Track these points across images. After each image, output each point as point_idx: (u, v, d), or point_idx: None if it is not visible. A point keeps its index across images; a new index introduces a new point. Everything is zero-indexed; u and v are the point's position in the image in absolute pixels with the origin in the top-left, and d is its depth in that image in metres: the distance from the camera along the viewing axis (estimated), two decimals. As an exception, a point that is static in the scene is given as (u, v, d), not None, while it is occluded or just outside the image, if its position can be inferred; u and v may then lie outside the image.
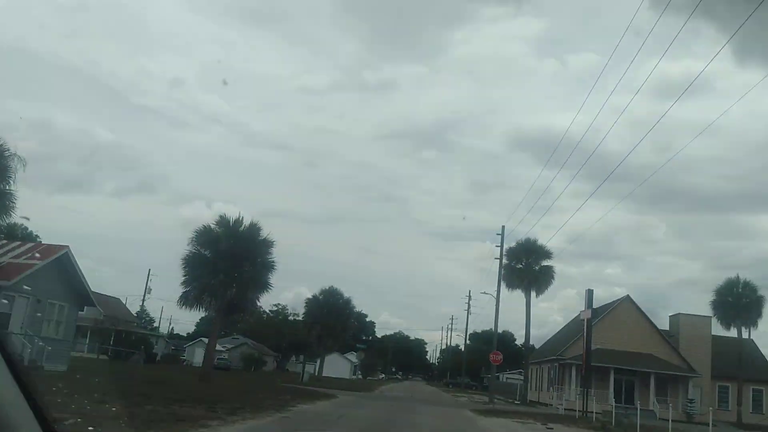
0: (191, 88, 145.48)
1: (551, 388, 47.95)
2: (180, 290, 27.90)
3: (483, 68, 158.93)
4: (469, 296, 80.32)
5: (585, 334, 31.48)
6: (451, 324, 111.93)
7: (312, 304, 49.82)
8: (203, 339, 77.99)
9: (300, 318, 51.30)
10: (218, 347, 76.14)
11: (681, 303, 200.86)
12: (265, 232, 28.92)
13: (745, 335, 46.05)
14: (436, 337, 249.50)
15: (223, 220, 28.41)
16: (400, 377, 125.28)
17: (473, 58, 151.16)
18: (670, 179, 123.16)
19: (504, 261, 45.94)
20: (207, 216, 44.28)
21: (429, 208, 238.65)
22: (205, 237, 27.91)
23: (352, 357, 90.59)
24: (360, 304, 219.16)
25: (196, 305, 28.29)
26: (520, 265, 45.91)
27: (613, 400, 44.23)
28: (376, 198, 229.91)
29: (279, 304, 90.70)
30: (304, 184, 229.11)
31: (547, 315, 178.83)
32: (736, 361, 46.80)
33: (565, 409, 32.30)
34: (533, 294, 45.99)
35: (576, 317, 61.72)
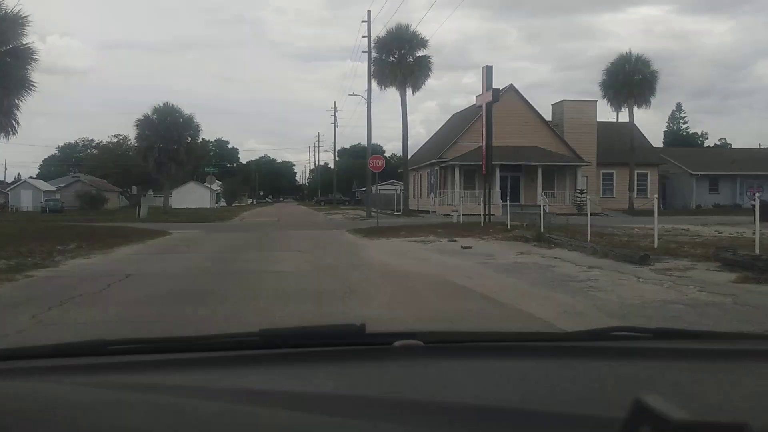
0: None
1: (432, 194, 42.68)
2: None
3: None
4: (335, 107, 72.51)
5: (484, 122, 24.88)
6: (318, 141, 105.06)
7: (144, 125, 39.55)
8: (29, 180, 65.90)
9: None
10: (47, 187, 64.73)
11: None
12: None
13: (622, 116, 42.18)
14: (304, 158, 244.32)
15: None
16: (270, 201, 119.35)
17: None
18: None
19: (373, 55, 37.90)
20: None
21: (284, 28, 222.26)
22: None
23: (214, 185, 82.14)
24: (220, 132, 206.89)
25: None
26: (393, 58, 37.92)
27: (501, 198, 39.76)
28: (228, 20, 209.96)
29: (120, 134, 78.74)
30: (146, 7, 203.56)
31: (409, 128, 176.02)
32: (619, 147, 43.47)
33: (458, 216, 26.53)
34: (409, 91, 38.67)
35: (450, 119, 56.04)
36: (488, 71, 23.35)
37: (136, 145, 40.35)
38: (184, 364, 1.18)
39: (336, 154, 78.51)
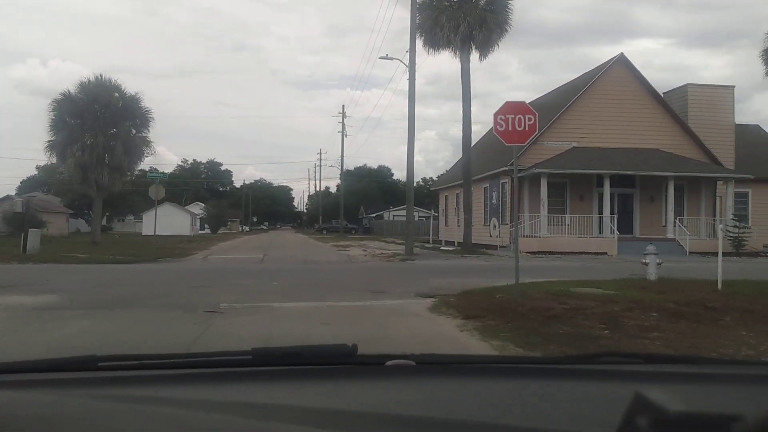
0: None
1: (494, 219, 27.81)
2: None
3: None
4: (343, 113, 58.16)
5: None
6: (320, 158, 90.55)
7: (63, 108, 24.76)
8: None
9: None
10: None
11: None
12: None
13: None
14: (302, 186, 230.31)
15: None
16: (266, 228, 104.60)
17: None
18: (521, 14, 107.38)
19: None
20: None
21: (285, 56, 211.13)
22: None
23: (197, 208, 67.27)
24: (218, 155, 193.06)
25: None
26: (449, 1, 23.64)
27: (616, 229, 25.05)
28: (228, 48, 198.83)
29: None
30: (147, 35, 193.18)
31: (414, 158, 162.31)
32: (754, 156, 29.25)
33: (655, 266, 11.84)
34: (475, 55, 24.17)
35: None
36: None
37: (49, 140, 25.27)
38: (175, 379, 1.14)
39: (343, 166, 63.91)
